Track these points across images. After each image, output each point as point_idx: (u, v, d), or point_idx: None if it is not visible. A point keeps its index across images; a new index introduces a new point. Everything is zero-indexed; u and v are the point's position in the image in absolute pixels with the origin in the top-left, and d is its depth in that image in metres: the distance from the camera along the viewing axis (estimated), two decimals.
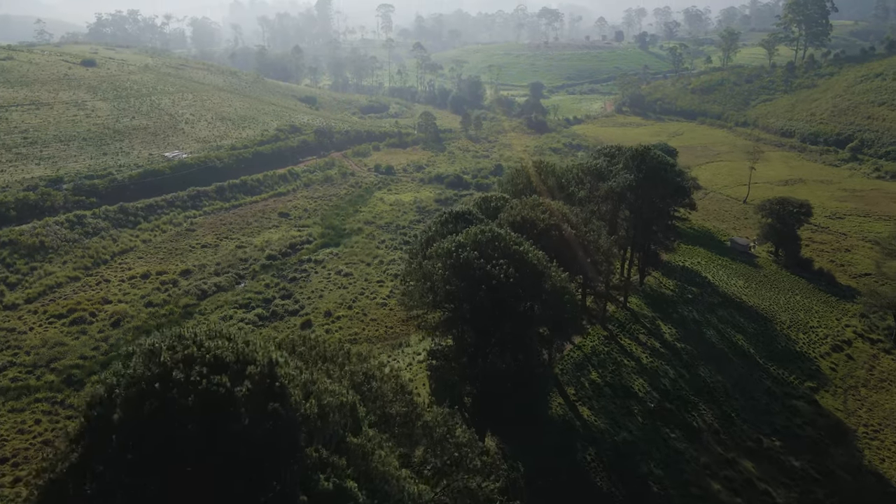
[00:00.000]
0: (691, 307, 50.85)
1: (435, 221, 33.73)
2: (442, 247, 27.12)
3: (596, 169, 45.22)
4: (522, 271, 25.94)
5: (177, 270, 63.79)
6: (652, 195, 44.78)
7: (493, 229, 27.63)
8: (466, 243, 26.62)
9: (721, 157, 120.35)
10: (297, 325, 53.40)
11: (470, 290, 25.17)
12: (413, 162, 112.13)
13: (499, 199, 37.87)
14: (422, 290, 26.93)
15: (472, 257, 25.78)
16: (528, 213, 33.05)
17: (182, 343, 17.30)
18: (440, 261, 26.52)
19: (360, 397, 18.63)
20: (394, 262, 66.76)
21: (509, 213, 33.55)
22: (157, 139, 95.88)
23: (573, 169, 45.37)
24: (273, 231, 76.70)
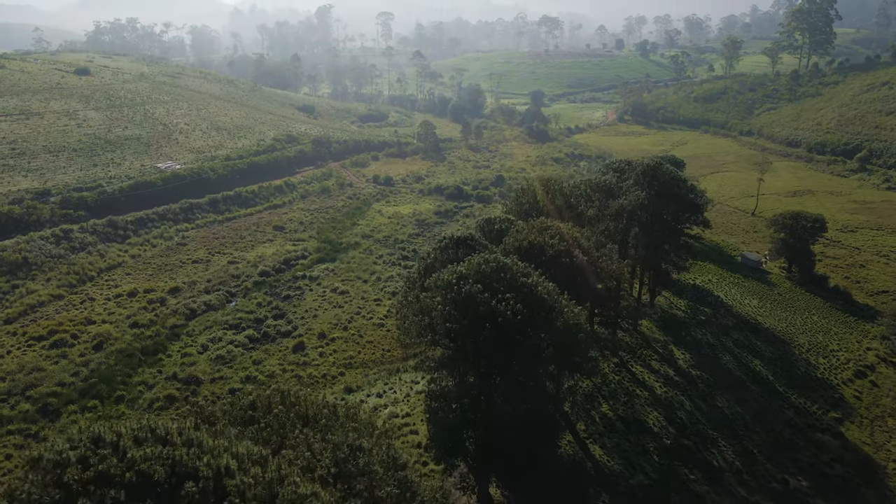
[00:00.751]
0: (705, 330, 48.23)
1: (434, 248, 31.12)
2: (441, 278, 24.59)
3: (605, 185, 42.76)
4: (531, 307, 23.42)
5: (165, 288, 61.18)
6: (664, 212, 42.33)
7: (498, 258, 25.09)
8: (469, 275, 24.10)
9: (727, 168, 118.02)
10: (290, 347, 50.74)
11: (473, 328, 22.64)
12: (412, 172, 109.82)
13: (503, 222, 35.30)
14: (419, 325, 24.39)
15: (475, 291, 23.22)
16: (535, 237, 30.44)
17: (98, 452, 13.47)
18: (440, 294, 24.00)
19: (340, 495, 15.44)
20: (392, 279, 64.19)
21: (515, 238, 30.97)
22: (149, 150, 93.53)
23: (581, 185, 42.85)
24: (267, 245, 74.16)
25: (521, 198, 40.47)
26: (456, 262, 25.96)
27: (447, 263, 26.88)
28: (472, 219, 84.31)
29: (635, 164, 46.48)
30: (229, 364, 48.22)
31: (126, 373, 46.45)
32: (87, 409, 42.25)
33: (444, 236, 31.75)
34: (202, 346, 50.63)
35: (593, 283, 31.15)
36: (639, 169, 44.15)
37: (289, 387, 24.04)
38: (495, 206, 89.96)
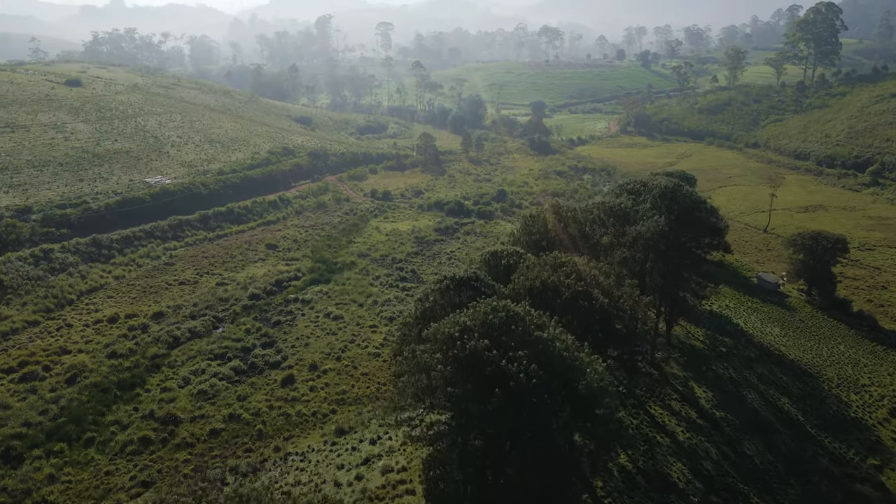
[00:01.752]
0: (726, 363, 44.72)
1: (433, 289, 27.65)
2: (442, 330, 21.22)
3: (620, 210, 39.43)
4: (548, 367, 20.04)
5: (149, 313, 57.64)
6: (684, 239, 39.05)
7: (507, 307, 21.73)
8: (474, 327, 20.75)
9: (734, 181, 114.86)
10: (278, 380, 47.11)
11: (479, 393, 19.27)
12: (411, 186, 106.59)
13: (511, 255, 31.84)
14: (416, 387, 20.93)
15: (481, 348, 19.89)
16: (549, 276, 27.04)
17: None
18: (440, 350, 20.64)
19: None
20: (389, 303, 60.68)
21: (526, 277, 27.57)
22: (139, 164, 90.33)
23: (594, 209, 39.45)
24: (259, 265, 70.69)
25: (531, 226, 36.95)
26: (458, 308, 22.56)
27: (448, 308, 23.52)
28: (474, 236, 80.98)
29: (651, 185, 43.16)
30: (212, 400, 44.59)
31: (99, 411, 42.80)
32: (53, 454, 38.61)
33: (444, 276, 28.25)
34: (184, 379, 47.02)
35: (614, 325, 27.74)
36: (656, 191, 40.83)
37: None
38: (497, 223, 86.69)
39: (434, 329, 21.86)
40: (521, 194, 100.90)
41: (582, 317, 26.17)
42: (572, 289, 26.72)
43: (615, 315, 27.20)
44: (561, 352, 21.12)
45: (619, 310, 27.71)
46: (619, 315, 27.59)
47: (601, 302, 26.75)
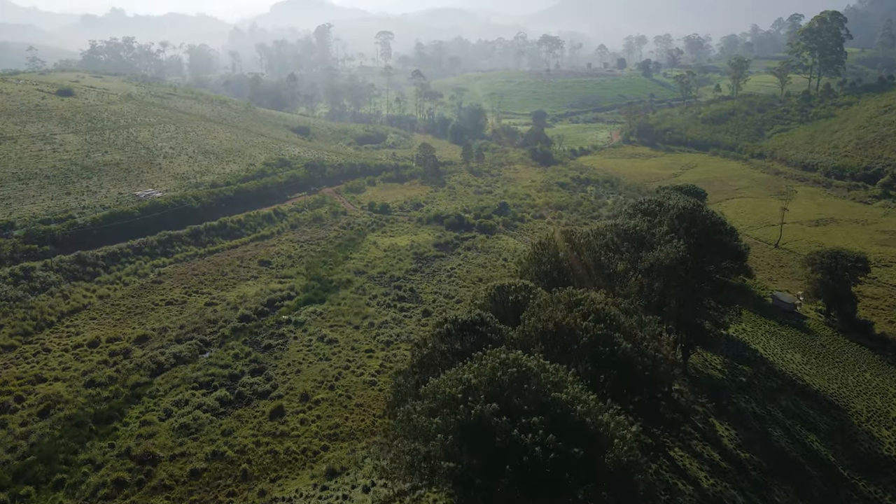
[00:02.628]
0: (748, 395, 41.68)
1: (432, 334, 24.69)
2: (442, 390, 18.22)
3: (635, 233, 36.53)
4: (568, 437, 17.08)
5: (132, 336, 54.59)
6: (705, 264, 36.21)
7: (518, 361, 18.82)
8: (479, 386, 17.78)
9: (741, 193, 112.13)
10: (267, 412, 43.98)
11: (487, 469, 16.30)
12: (410, 199, 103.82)
13: (520, 290, 28.84)
14: (412, 456, 17.88)
15: (489, 414, 16.93)
16: (564, 317, 24.06)
17: None
18: (440, 413, 17.67)
19: None
20: (386, 325, 57.62)
21: (538, 318, 24.59)
22: (129, 176, 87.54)
23: (607, 232, 36.49)
24: (250, 283, 67.69)
25: (541, 255, 33.88)
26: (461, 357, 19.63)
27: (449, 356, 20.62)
28: (475, 252, 78.04)
29: (668, 205, 40.26)
30: (195, 435, 41.44)
31: (72, 448, 39.64)
32: (19, 499, 35.43)
33: (444, 318, 25.26)
34: (165, 410, 43.88)
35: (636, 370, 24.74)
36: (673, 212, 37.97)
37: None
38: (499, 237, 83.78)
39: (433, 387, 18.88)
40: (524, 207, 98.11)
41: (601, 364, 23.23)
42: (591, 333, 23.71)
43: (638, 361, 24.20)
44: (583, 417, 18.14)
45: (642, 354, 24.71)
46: (643, 360, 24.60)
47: (623, 347, 23.76)
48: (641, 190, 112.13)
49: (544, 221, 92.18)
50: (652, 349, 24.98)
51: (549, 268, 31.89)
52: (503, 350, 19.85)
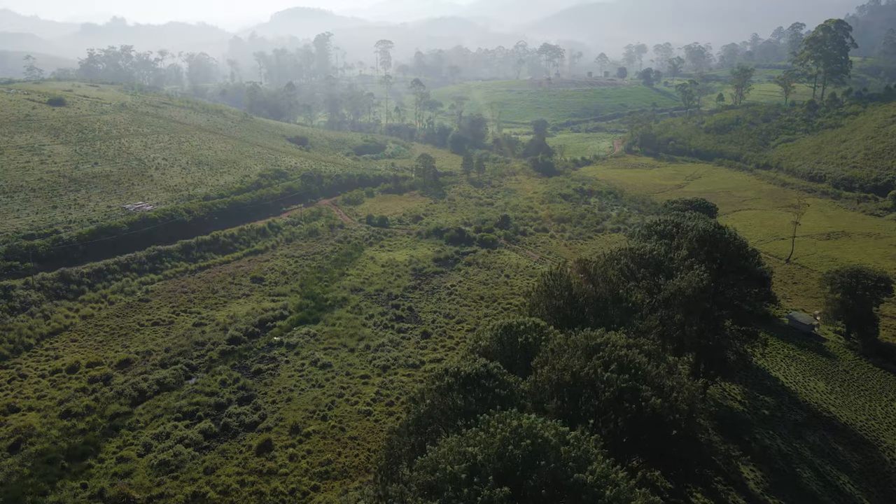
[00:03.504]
0: (772, 430, 38.74)
1: (430, 388, 21.69)
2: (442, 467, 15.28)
3: (652, 258, 33.74)
4: None
5: (115, 360, 51.65)
6: (728, 291, 33.48)
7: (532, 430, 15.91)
8: (486, 463, 14.92)
9: (748, 205, 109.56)
10: (254, 447, 40.95)
11: None
12: (409, 211, 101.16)
13: (530, 331, 25.79)
14: None
15: (498, 499, 14.10)
16: (582, 366, 21.10)
17: None
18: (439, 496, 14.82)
19: None
20: (383, 348, 54.66)
21: (553, 368, 21.64)
22: (119, 188, 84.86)
23: (621, 257, 33.64)
24: (242, 302, 64.81)
25: (552, 288, 30.77)
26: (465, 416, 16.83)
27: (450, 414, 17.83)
28: (476, 267, 75.18)
29: (686, 226, 37.39)
30: (174, 473, 38.41)
31: (41, 488, 36.62)
32: None
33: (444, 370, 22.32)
34: (144, 445, 40.86)
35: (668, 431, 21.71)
36: (692, 235, 35.13)
37: None
38: (501, 252, 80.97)
39: (432, 460, 16.02)
40: (526, 220, 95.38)
41: (627, 423, 20.37)
42: (615, 385, 20.87)
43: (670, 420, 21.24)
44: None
45: (674, 410, 21.74)
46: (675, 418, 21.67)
47: (653, 404, 20.84)
48: (646, 201, 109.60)
49: (547, 235, 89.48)
50: (685, 402, 21.91)
51: (561, 303, 28.88)
52: (514, 414, 17.00)
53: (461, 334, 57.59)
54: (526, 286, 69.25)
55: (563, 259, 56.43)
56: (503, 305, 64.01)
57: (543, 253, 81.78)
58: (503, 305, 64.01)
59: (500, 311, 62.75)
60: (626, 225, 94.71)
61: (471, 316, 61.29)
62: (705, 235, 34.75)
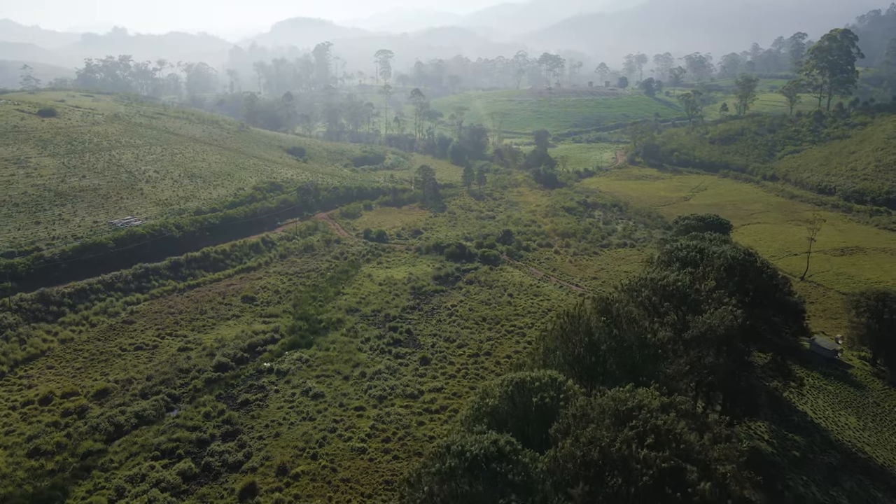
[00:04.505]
0: (805, 476, 35.32)
1: (429, 471, 18.33)
2: None
3: (677, 290, 30.48)
4: None
5: (92, 390, 48.27)
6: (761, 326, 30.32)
7: None
8: None
9: (757, 218, 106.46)
10: (236, 491, 37.48)
11: None
12: (408, 224, 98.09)
13: (546, 389, 22.08)
14: None
15: None
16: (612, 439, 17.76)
17: None
18: None
19: None
20: (379, 375, 51.26)
21: (576, 442, 18.19)
22: (107, 202, 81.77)
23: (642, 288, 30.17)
24: (231, 323, 61.50)
25: (571, 333, 27.06)
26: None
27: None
28: (477, 286, 71.89)
29: (711, 252, 34.06)
30: None
31: None
32: None
33: (446, 447, 19.04)
34: (117, 489, 37.41)
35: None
36: (719, 263, 31.85)
37: None
38: (503, 269, 77.72)
39: None
40: (529, 234, 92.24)
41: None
42: (654, 467, 17.56)
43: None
44: None
45: (725, 495, 18.32)
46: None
47: (701, 491, 17.38)
48: (651, 214, 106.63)
49: (551, 250, 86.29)
50: (735, 483, 18.53)
51: (581, 350, 25.35)
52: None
53: (462, 360, 54.27)
54: (530, 306, 66.09)
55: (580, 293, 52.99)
56: (507, 328, 60.71)
57: (548, 270, 78.56)
58: (507, 328, 60.71)
59: (504, 333, 59.49)
60: (632, 239, 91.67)
61: (472, 340, 57.97)
62: (734, 264, 31.43)
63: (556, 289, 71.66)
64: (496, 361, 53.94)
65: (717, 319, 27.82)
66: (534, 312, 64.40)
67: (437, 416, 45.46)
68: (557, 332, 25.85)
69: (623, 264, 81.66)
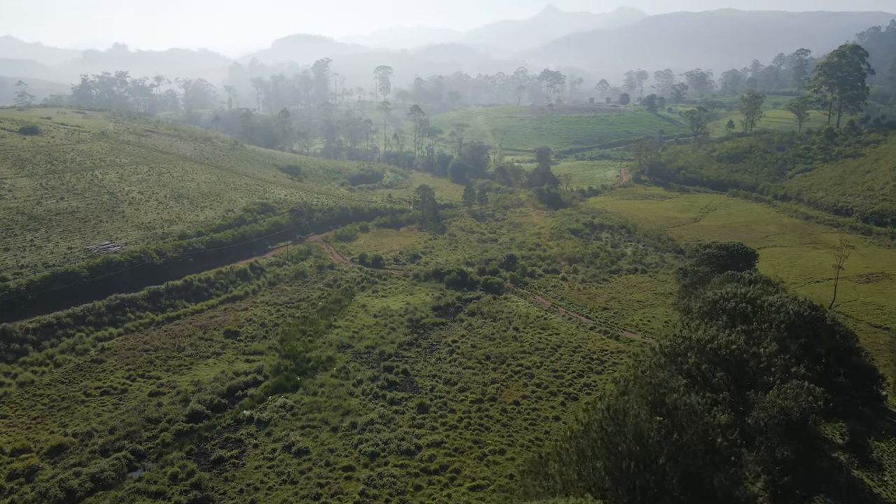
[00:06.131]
0: None
1: None
2: None
3: (732, 356, 25.18)
4: None
5: (46, 445, 42.69)
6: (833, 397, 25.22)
7: None
8: None
9: (772, 241, 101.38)
10: None
11: None
12: (407, 248, 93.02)
13: None
14: None
15: None
16: None
17: None
18: None
19: None
20: (372, 426, 45.68)
21: None
22: (84, 227, 76.71)
23: (686, 349, 24.62)
24: (210, 362, 56.07)
25: (615, 438, 21.01)
26: None
27: None
28: (480, 318, 66.48)
29: (765, 304, 28.58)
30: None
31: None
32: None
33: None
34: None
35: None
36: (779, 320, 26.42)
37: None
38: (508, 299, 72.38)
39: None
40: (534, 259, 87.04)
41: None
42: None
43: None
44: None
45: None
46: None
47: None
48: (662, 237, 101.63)
49: (558, 277, 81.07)
50: None
51: (629, 463, 19.29)
52: None
53: (464, 406, 48.77)
54: (538, 341, 60.69)
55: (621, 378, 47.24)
56: (513, 367, 55.26)
57: (555, 299, 73.28)
58: (513, 367, 55.26)
59: (510, 374, 54.04)
60: (643, 265, 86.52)
61: (475, 382, 52.50)
62: (799, 322, 26.13)
63: (566, 321, 66.32)
64: (502, 409, 48.45)
65: (790, 399, 22.28)
66: (542, 349, 59.00)
67: (435, 479, 39.89)
68: (597, 438, 20.13)
69: (635, 292, 76.45)
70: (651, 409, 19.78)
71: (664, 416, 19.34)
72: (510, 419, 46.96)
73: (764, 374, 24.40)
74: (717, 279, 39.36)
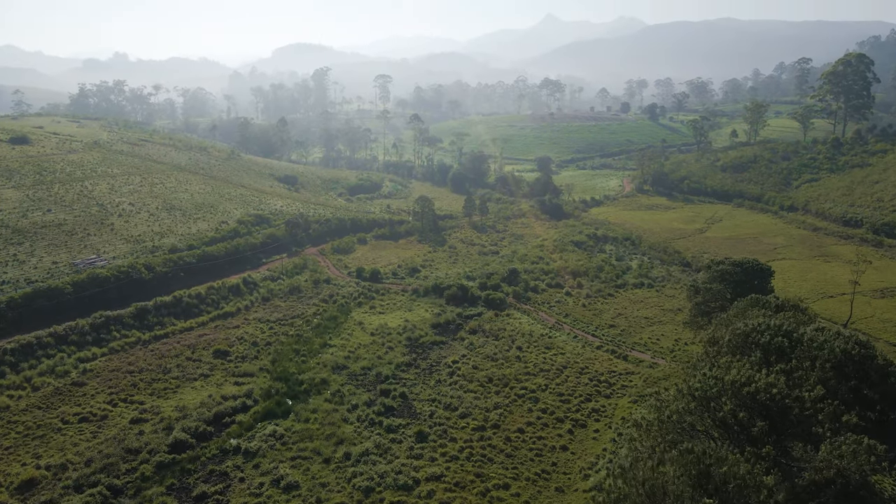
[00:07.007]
0: None
1: None
2: None
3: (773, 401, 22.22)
4: None
5: (17, 480, 39.69)
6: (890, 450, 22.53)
7: None
8: None
9: (781, 253, 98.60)
10: None
11: None
12: (405, 261, 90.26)
13: None
14: None
15: None
16: None
17: None
18: None
19: None
20: (366, 458, 42.67)
21: None
22: (71, 240, 73.99)
23: (720, 392, 21.57)
24: (198, 385, 53.15)
25: None
26: None
27: None
28: (482, 336, 63.59)
29: (805, 338, 25.69)
30: None
31: None
32: None
33: None
34: None
35: None
36: (823, 357, 23.49)
37: None
38: (510, 315, 69.54)
39: None
40: (537, 272, 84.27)
41: None
42: None
43: None
44: None
45: None
46: None
47: None
48: (667, 250, 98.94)
49: (562, 292, 78.25)
50: None
51: None
52: None
53: (466, 434, 45.81)
54: (542, 362, 57.78)
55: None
56: (517, 391, 52.34)
57: (559, 316, 70.44)
58: (517, 391, 52.34)
59: (514, 398, 51.13)
60: (650, 279, 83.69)
61: (477, 407, 49.55)
62: (846, 360, 23.16)
63: (571, 339, 63.46)
64: (506, 437, 45.48)
65: (847, 458, 19.28)
66: (547, 371, 56.11)
67: None
68: (626, 496, 17.27)
69: (642, 308, 73.63)
70: (695, 485, 16.88)
71: (712, 494, 16.41)
72: (514, 449, 44.01)
73: (810, 421, 21.56)
74: (739, 304, 36.54)
